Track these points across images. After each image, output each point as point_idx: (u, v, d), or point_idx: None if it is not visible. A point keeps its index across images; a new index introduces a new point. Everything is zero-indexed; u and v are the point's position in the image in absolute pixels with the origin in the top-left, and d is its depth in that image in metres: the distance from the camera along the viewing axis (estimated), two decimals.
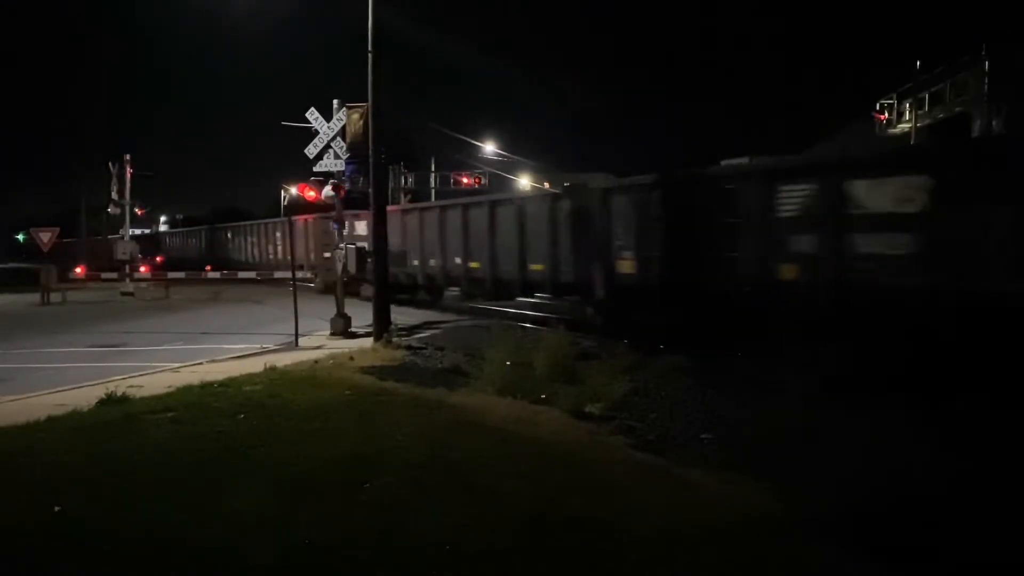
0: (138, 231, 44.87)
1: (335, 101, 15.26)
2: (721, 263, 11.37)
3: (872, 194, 9.49)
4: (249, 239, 34.73)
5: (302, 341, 13.73)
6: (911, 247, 9.11)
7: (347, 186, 15.37)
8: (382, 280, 14.31)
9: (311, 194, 16.21)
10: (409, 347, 12.86)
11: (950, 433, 6.77)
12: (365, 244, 17.43)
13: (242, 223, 38.69)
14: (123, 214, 29.44)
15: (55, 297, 23.69)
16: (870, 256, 9.48)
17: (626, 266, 13.19)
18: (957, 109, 22.60)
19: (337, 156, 15.27)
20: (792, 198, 10.50)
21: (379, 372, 10.55)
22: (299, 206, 23.87)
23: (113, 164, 28.94)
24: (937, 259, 8.86)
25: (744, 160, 12.79)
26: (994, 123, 20.02)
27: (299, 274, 22.31)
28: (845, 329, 9.43)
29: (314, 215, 25.79)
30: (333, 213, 16.03)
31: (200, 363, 11.49)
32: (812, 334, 9.33)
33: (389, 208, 16.68)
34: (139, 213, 34.64)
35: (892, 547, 4.72)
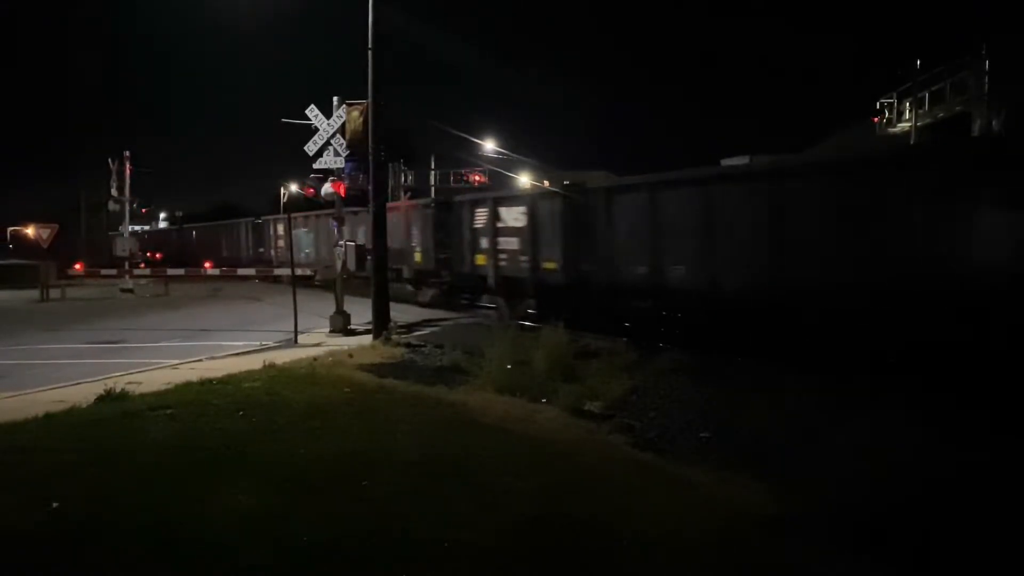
0: (138, 228, 45.01)
1: (335, 98, 15.23)
2: (457, 255, 18.64)
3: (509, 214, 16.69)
4: (215, 239, 39.44)
5: (301, 338, 13.72)
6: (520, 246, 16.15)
7: (347, 183, 15.35)
8: (381, 278, 14.30)
9: (310, 191, 16.19)
10: (408, 345, 12.85)
11: (950, 434, 6.77)
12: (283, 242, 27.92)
13: (205, 224, 44.61)
14: (122, 211, 29.43)
15: (54, 293, 23.68)
16: (506, 250, 16.62)
17: (418, 257, 20.61)
18: (958, 108, 22.53)
19: (337, 153, 15.25)
20: (479, 216, 17.72)
21: (378, 370, 10.56)
22: (298, 203, 23.93)
23: (112, 161, 28.94)
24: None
25: (745, 160, 12.79)
26: (994, 123, 19.98)
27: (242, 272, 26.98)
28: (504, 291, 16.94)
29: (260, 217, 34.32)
30: (275, 216, 16.35)
31: (199, 360, 11.49)
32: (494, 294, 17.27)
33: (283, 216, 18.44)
34: (143, 212, 34.70)
35: (891, 548, 4.72)
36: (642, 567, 4.45)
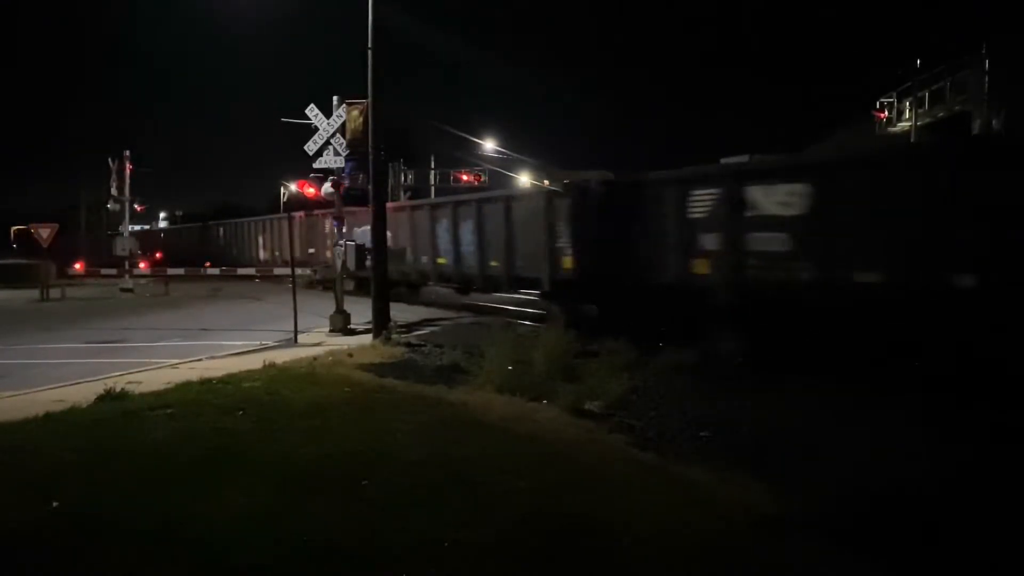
0: (137, 227, 44.81)
1: (335, 98, 15.25)
2: (648, 259, 12.59)
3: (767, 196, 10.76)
4: (250, 236, 35.23)
5: (301, 338, 13.72)
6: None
7: (347, 183, 15.36)
8: (381, 277, 14.31)
9: (310, 191, 16.22)
10: (408, 344, 12.86)
11: (950, 433, 6.77)
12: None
13: (238, 219, 39.66)
14: (122, 210, 29.44)
15: (54, 293, 23.69)
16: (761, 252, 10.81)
17: (567, 262, 14.23)
18: (957, 108, 22.58)
19: (337, 153, 15.28)
20: (699, 201, 11.72)
21: (378, 369, 10.56)
22: (298, 203, 23.95)
23: (112, 160, 28.95)
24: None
25: (744, 158, 12.77)
26: (994, 122, 20.02)
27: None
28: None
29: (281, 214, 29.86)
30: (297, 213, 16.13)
31: (199, 360, 11.49)
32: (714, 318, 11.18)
33: (349, 208, 16.86)
34: (139, 209, 34.59)
35: (892, 547, 4.71)
36: (642, 566, 4.44)
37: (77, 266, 27.76)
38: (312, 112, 15.25)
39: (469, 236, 17.73)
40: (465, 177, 38.91)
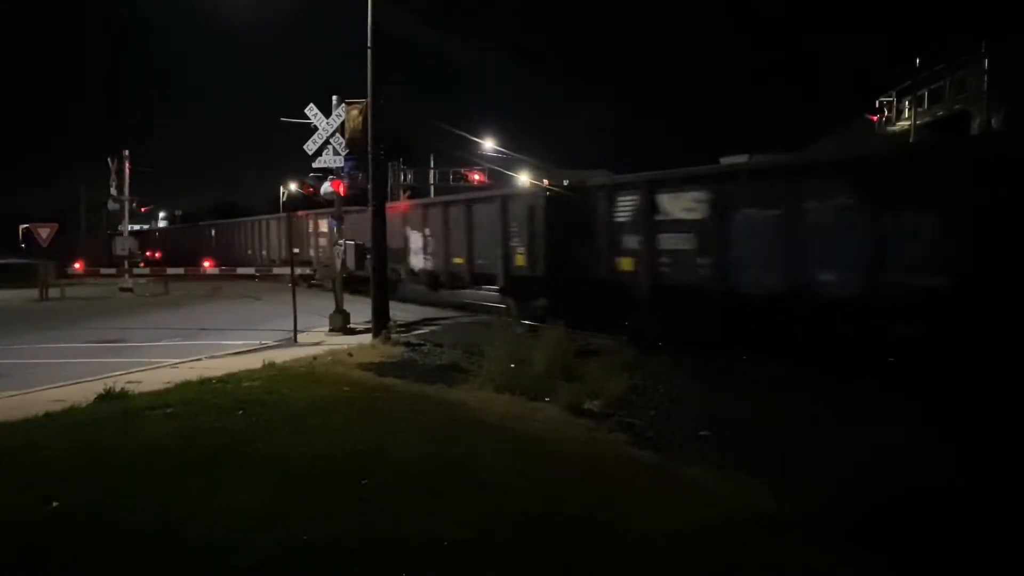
0: (137, 227, 44.73)
1: (334, 97, 15.24)
2: (577, 259, 14.04)
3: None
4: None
5: (301, 337, 13.72)
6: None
7: (346, 182, 15.35)
8: (381, 277, 14.30)
9: (311, 190, 16.21)
10: (408, 343, 12.85)
11: (951, 432, 6.77)
12: None
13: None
14: (122, 210, 29.43)
15: (54, 293, 23.68)
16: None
17: (520, 260, 15.67)
18: (957, 107, 22.59)
19: (336, 152, 15.27)
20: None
21: (378, 368, 10.55)
22: (298, 202, 23.98)
23: (112, 160, 28.94)
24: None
25: (743, 157, 12.78)
26: (993, 121, 20.02)
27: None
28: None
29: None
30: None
31: (199, 359, 11.49)
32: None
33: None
34: (143, 210, 34.54)
35: (892, 546, 4.71)
36: (643, 566, 4.44)
37: (77, 266, 27.72)
38: (311, 111, 15.24)
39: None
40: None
